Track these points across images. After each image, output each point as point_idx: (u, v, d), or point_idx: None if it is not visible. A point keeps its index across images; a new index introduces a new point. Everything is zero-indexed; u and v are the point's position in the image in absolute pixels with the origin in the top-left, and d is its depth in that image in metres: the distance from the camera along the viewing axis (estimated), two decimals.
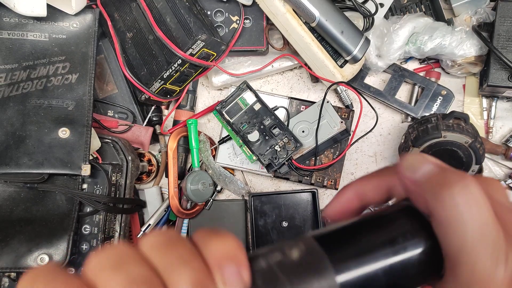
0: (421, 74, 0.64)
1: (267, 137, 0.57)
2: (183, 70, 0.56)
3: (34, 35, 0.53)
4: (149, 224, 0.61)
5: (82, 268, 0.16)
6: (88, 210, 0.54)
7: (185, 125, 0.63)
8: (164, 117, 0.66)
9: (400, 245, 0.18)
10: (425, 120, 0.54)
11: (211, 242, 0.17)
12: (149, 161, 0.64)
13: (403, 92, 0.64)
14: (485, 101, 0.63)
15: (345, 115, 0.60)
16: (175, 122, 0.65)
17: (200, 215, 0.63)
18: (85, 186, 0.55)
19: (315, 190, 0.61)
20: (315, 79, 0.64)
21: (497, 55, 0.54)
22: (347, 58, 0.56)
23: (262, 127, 0.57)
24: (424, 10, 0.62)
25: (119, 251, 0.16)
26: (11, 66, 0.52)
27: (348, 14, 0.57)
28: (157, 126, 0.64)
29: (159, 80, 0.56)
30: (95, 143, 0.55)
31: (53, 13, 0.53)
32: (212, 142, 0.64)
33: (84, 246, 0.54)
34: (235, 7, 0.60)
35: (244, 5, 0.60)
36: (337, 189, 0.61)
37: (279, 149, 0.56)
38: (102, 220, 0.55)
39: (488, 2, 0.59)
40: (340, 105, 0.64)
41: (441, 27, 0.58)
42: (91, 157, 0.53)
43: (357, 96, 0.58)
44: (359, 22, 0.59)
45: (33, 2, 0.50)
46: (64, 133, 0.52)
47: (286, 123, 0.58)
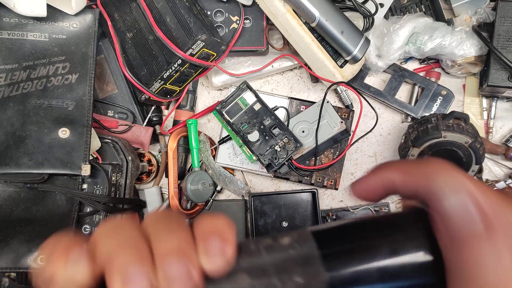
0: (421, 74, 0.64)
1: (267, 137, 0.57)
2: (183, 70, 0.56)
3: (34, 35, 0.53)
4: None
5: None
6: (88, 210, 0.54)
7: (185, 125, 0.63)
8: (164, 117, 0.66)
9: (399, 257, 0.18)
10: (425, 120, 0.54)
11: (203, 220, 0.18)
12: (149, 161, 0.64)
13: (403, 92, 0.64)
14: (485, 101, 0.63)
15: (345, 115, 0.60)
16: (175, 122, 0.65)
17: (200, 215, 0.63)
18: (85, 186, 0.55)
19: (315, 190, 0.61)
20: (315, 79, 0.64)
21: (497, 55, 0.54)
22: (347, 58, 0.56)
23: (262, 127, 0.57)
24: (424, 10, 0.62)
25: (119, 222, 0.18)
26: (11, 66, 0.52)
27: (348, 14, 0.57)
28: (157, 126, 0.64)
29: (159, 80, 0.56)
30: (95, 143, 0.55)
31: (53, 13, 0.53)
32: (212, 142, 0.64)
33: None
34: (235, 7, 0.60)
35: (244, 5, 0.60)
36: (337, 189, 0.61)
37: (279, 149, 0.56)
38: (102, 220, 0.55)
39: (488, 2, 0.59)
40: (340, 105, 0.64)
41: (441, 27, 0.58)
42: (91, 157, 0.53)
43: (357, 96, 0.58)
44: (359, 22, 0.59)
45: (33, 2, 0.50)
46: (64, 133, 0.52)
47: (286, 123, 0.58)
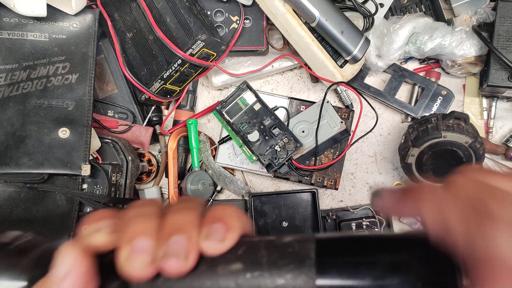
0: (421, 74, 0.64)
1: (267, 137, 0.57)
2: (183, 70, 0.56)
3: (34, 35, 0.53)
4: None
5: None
6: (88, 210, 0.54)
7: (185, 125, 0.63)
8: (164, 117, 0.66)
9: (393, 279, 0.17)
10: (425, 120, 0.54)
11: (216, 207, 0.20)
12: (149, 161, 0.64)
13: (403, 92, 0.64)
14: (485, 101, 0.63)
15: (345, 115, 0.60)
16: (175, 122, 0.65)
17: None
18: (85, 186, 0.55)
19: (315, 190, 0.61)
20: (315, 79, 0.64)
21: (497, 55, 0.54)
22: (347, 58, 0.56)
23: (262, 127, 0.57)
24: (424, 10, 0.62)
25: (145, 201, 0.21)
26: (11, 66, 0.52)
27: (348, 14, 0.57)
28: (157, 126, 0.64)
29: (159, 80, 0.56)
30: (95, 143, 0.55)
31: (53, 13, 0.53)
32: (212, 142, 0.64)
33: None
34: (235, 7, 0.60)
35: (244, 5, 0.60)
36: (337, 189, 0.61)
37: (279, 149, 0.56)
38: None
39: (488, 2, 0.59)
40: (340, 105, 0.64)
41: (441, 27, 0.58)
42: (91, 157, 0.53)
43: (357, 96, 0.58)
44: (359, 22, 0.59)
45: (33, 2, 0.50)
46: (64, 133, 0.52)
47: (286, 123, 0.58)
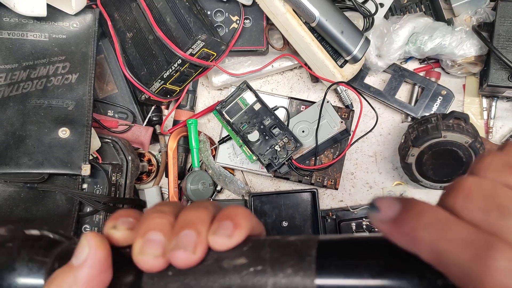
0: (421, 74, 0.64)
1: (267, 137, 0.57)
2: (183, 70, 0.56)
3: (34, 35, 0.53)
4: None
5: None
6: (88, 210, 0.54)
7: (185, 125, 0.63)
8: (164, 117, 0.66)
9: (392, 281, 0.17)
10: (425, 120, 0.54)
11: (227, 207, 0.21)
12: (149, 161, 0.64)
13: (403, 92, 0.64)
14: (485, 101, 0.63)
15: (345, 115, 0.60)
16: (175, 122, 0.65)
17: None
18: (85, 186, 0.55)
19: (315, 190, 0.61)
20: (315, 79, 0.64)
21: (497, 55, 0.54)
22: (347, 58, 0.56)
23: (262, 127, 0.57)
24: (424, 10, 0.62)
25: (165, 202, 0.23)
26: (11, 66, 0.52)
27: (348, 14, 0.57)
28: (157, 126, 0.64)
29: (159, 80, 0.56)
30: (95, 143, 0.55)
31: (53, 13, 0.53)
32: (212, 142, 0.64)
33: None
34: (235, 7, 0.60)
35: (244, 5, 0.60)
36: (337, 189, 0.61)
37: (279, 149, 0.56)
38: (102, 220, 0.55)
39: (488, 2, 0.59)
40: (340, 105, 0.64)
41: (441, 27, 0.58)
42: (91, 157, 0.53)
43: (357, 96, 0.58)
44: (359, 22, 0.59)
45: (33, 2, 0.50)
46: (64, 133, 0.52)
47: (286, 123, 0.58)
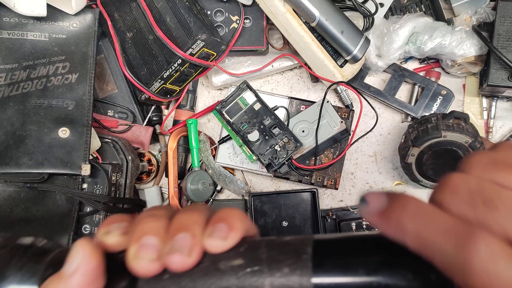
0: (421, 74, 0.64)
1: (267, 137, 0.57)
2: (183, 70, 0.56)
3: (34, 35, 0.53)
4: None
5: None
6: (88, 210, 0.54)
7: (185, 125, 0.63)
8: (164, 117, 0.66)
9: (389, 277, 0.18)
10: (425, 120, 0.54)
11: (222, 209, 0.21)
12: (149, 161, 0.64)
13: (403, 92, 0.64)
14: (485, 101, 0.63)
15: (345, 115, 0.60)
16: (175, 122, 0.65)
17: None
18: (85, 186, 0.55)
19: (315, 190, 0.61)
20: (315, 79, 0.64)
21: (497, 55, 0.54)
22: (347, 58, 0.56)
23: (262, 127, 0.57)
24: (424, 10, 0.62)
25: (159, 206, 0.23)
26: (11, 66, 0.52)
27: (348, 14, 0.57)
28: (157, 126, 0.64)
29: (159, 80, 0.56)
30: (95, 142, 0.55)
31: (53, 13, 0.53)
32: (212, 142, 0.64)
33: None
34: (235, 7, 0.60)
35: (244, 5, 0.60)
36: (337, 188, 0.61)
37: (279, 149, 0.56)
38: (102, 220, 0.55)
39: (488, 2, 0.59)
40: (340, 105, 0.64)
41: (441, 27, 0.58)
42: (91, 157, 0.53)
43: (357, 96, 0.58)
44: (359, 22, 0.59)
45: (33, 2, 0.50)
46: (64, 133, 0.52)
47: (286, 123, 0.58)
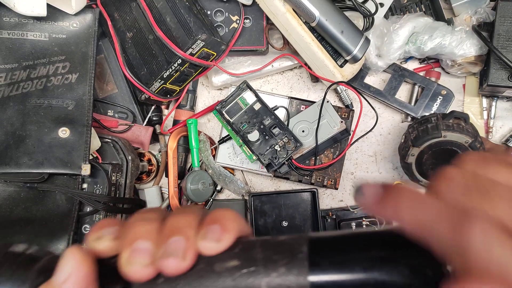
0: (421, 74, 0.64)
1: (267, 137, 0.57)
2: (183, 69, 0.56)
3: (34, 34, 0.53)
4: None
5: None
6: (88, 209, 0.54)
7: (185, 124, 0.63)
8: (164, 117, 0.66)
9: (384, 273, 0.18)
10: (425, 120, 0.54)
11: (214, 210, 0.21)
12: (149, 160, 0.64)
13: (403, 92, 0.64)
14: (485, 101, 0.63)
15: (345, 115, 0.60)
16: (175, 122, 0.65)
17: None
18: (85, 185, 0.55)
19: (315, 189, 0.61)
20: (315, 78, 0.64)
21: (497, 55, 0.54)
22: (347, 58, 0.56)
23: (262, 126, 0.57)
24: (424, 10, 0.62)
25: (149, 209, 0.22)
26: (11, 65, 0.52)
27: (348, 14, 0.57)
28: (157, 126, 0.64)
29: (159, 80, 0.56)
30: (95, 142, 0.55)
31: (53, 12, 0.53)
32: (212, 142, 0.64)
33: (84, 246, 0.54)
34: (235, 7, 0.60)
35: (244, 5, 0.60)
36: (337, 188, 0.61)
37: (279, 149, 0.56)
38: (102, 220, 0.55)
39: (488, 2, 0.59)
40: (340, 104, 0.64)
41: (441, 26, 0.58)
42: (91, 157, 0.53)
43: (357, 96, 0.58)
44: (359, 22, 0.59)
45: (33, 1, 0.50)
46: (64, 132, 0.52)
47: (286, 123, 0.58)
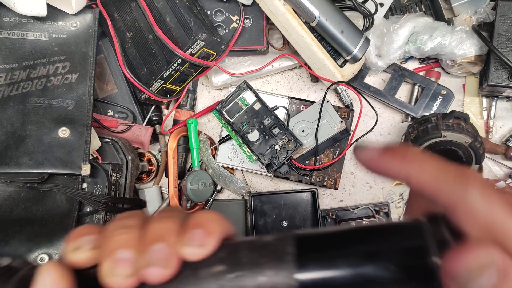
0: (421, 73, 0.64)
1: (267, 137, 0.57)
2: (183, 69, 0.56)
3: (34, 34, 0.53)
4: None
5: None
6: (88, 209, 0.54)
7: (185, 124, 0.63)
8: (164, 117, 0.66)
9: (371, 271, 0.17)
10: (425, 120, 0.54)
11: (196, 214, 0.20)
12: (149, 160, 0.64)
13: (403, 92, 0.64)
14: (485, 101, 0.63)
15: (345, 115, 0.60)
16: (175, 122, 0.65)
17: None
18: (85, 185, 0.55)
19: (315, 189, 0.61)
20: (315, 78, 0.64)
21: (497, 54, 0.54)
22: (347, 58, 0.56)
23: (262, 126, 0.57)
24: (424, 9, 0.62)
25: (128, 214, 0.21)
26: (11, 65, 0.52)
27: (348, 14, 0.57)
28: (157, 126, 0.64)
29: (159, 80, 0.56)
30: (95, 142, 0.55)
31: (53, 12, 0.53)
32: (212, 142, 0.64)
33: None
34: (235, 6, 0.60)
35: (244, 5, 0.60)
36: (337, 188, 0.61)
37: (279, 149, 0.56)
38: (102, 220, 0.55)
39: (488, 1, 0.59)
40: (340, 104, 0.64)
41: (441, 26, 0.58)
42: (91, 157, 0.53)
43: (357, 96, 0.58)
44: (359, 22, 0.59)
45: (33, 1, 0.50)
46: (64, 132, 0.52)
47: (286, 123, 0.58)
